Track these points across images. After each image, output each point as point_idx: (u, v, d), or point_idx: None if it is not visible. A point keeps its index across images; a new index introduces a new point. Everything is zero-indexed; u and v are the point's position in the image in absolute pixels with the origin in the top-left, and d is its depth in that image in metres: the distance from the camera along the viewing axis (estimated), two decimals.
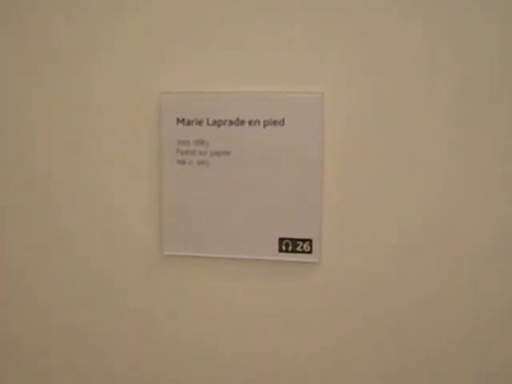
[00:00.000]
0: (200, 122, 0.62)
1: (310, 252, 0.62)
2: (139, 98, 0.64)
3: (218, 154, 0.62)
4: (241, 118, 0.61)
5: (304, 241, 0.62)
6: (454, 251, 0.60)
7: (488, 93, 0.57)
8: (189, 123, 0.62)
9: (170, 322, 0.67)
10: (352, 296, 0.63)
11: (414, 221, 0.60)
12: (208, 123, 0.62)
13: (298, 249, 0.62)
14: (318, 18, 0.59)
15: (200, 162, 0.63)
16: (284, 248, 0.63)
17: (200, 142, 0.62)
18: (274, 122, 0.61)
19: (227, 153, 0.62)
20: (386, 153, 0.60)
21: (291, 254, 0.63)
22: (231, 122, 0.61)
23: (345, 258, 0.62)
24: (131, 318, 0.68)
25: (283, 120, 0.60)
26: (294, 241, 0.62)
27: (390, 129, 0.59)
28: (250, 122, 0.61)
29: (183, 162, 0.63)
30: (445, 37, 0.57)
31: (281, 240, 0.63)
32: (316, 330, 0.64)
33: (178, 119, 0.62)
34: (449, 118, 0.58)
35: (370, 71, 0.59)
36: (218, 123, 0.62)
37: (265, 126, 0.61)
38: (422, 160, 0.59)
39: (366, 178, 0.61)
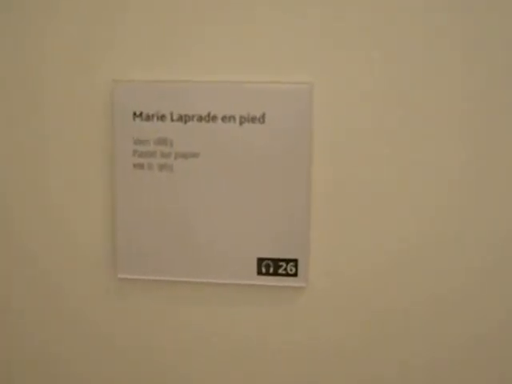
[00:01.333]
0: (162, 117, 0.51)
1: (295, 275, 0.52)
2: (86, 87, 0.52)
3: (184, 156, 0.51)
4: (212, 113, 0.50)
5: (288, 261, 0.52)
6: (454, 271, 0.51)
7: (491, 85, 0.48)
8: (148, 118, 0.51)
9: (131, 357, 0.56)
10: (344, 326, 0.53)
11: (414, 237, 0.51)
12: (172, 119, 0.50)
13: (281, 271, 0.52)
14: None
15: (162, 166, 0.51)
16: (264, 270, 0.52)
17: (162, 142, 0.51)
18: (253, 119, 0.50)
19: (196, 155, 0.51)
20: (385, 156, 0.50)
21: (273, 277, 0.52)
22: (201, 118, 0.50)
23: (336, 281, 0.52)
24: (84, 346, 0.57)
25: (263, 116, 0.50)
26: (276, 261, 0.52)
27: (390, 128, 0.50)
28: (223, 118, 0.50)
29: (141, 167, 0.52)
30: (444, 24, 0.47)
31: (260, 260, 0.52)
32: (301, 365, 0.54)
33: (134, 113, 0.51)
34: (450, 111, 0.49)
35: (368, 59, 0.49)
36: (184, 119, 0.50)
37: (241, 122, 0.50)
38: (426, 164, 0.50)
39: (362, 186, 0.51)
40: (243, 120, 0.50)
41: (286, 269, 0.52)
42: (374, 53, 0.49)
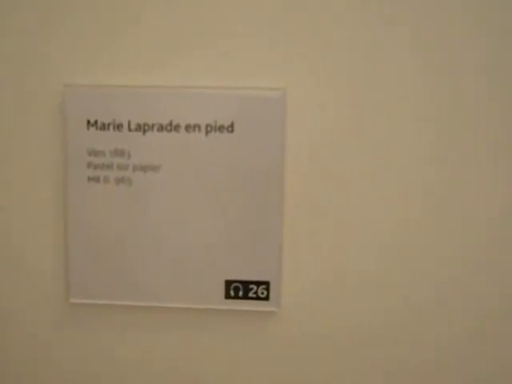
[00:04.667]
0: (119, 127, 0.46)
1: (267, 298, 0.47)
2: (35, 93, 0.47)
3: (143, 169, 0.46)
4: (175, 122, 0.45)
5: (259, 284, 0.47)
6: (428, 283, 0.47)
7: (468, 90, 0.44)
8: (104, 127, 0.46)
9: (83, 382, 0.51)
10: (320, 353, 0.49)
11: (389, 258, 0.47)
12: (130, 128, 0.46)
13: (251, 294, 0.47)
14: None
15: (119, 180, 0.46)
16: (233, 293, 0.47)
17: (119, 153, 0.46)
18: (220, 128, 0.45)
19: (156, 168, 0.46)
20: (363, 168, 0.46)
21: (242, 301, 0.48)
22: (162, 127, 0.45)
23: (312, 305, 0.48)
24: (35, 371, 0.52)
25: (232, 125, 0.45)
26: (246, 284, 0.47)
27: (368, 138, 0.45)
28: (187, 128, 0.45)
29: (97, 180, 0.47)
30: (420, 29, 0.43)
31: (228, 283, 0.47)
32: None
33: (88, 122, 0.46)
34: (425, 116, 0.45)
35: (341, 63, 0.45)
36: (143, 128, 0.45)
37: (207, 132, 0.45)
38: (404, 174, 0.46)
39: (338, 201, 0.46)
40: (210, 129, 0.45)
41: (256, 292, 0.47)
42: (347, 58, 0.44)
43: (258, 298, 0.47)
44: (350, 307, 0.48)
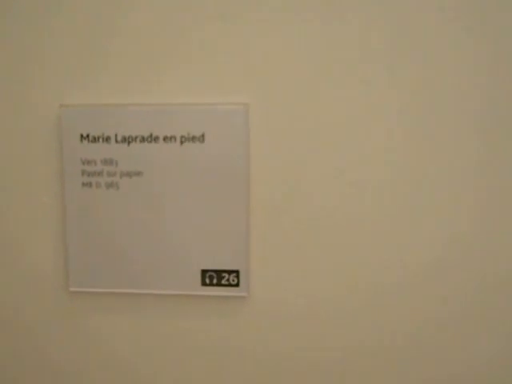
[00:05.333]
0: (107, 139, 0.54)
1: (237, 285, 0.55)
2: (35, 112, 0.55)
3: (128, 174, 0.54)
4: (154, 134, 0.53)
5: (230, 272, 0.55)
6: (391, 268, 0.54)
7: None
8: (94, 140, 0.54)
9: (81, 368, 0.59)
10: (286, 334, 0.56)
11: (351, 245, 0.54)
12: (116, 140, 0.54)
13: (224, 281, 0.55)
14: (239, 22, 0.52)
15: (109, 185, 0.54)
16: (208, 281, 0.55)
17: (108, 162, 0.54)
18: (193, 138, 0.53)
19: (139, 173, 0.54)
20: (320, 169, 0.53)
21: (216, 288, 0.55)
22: (143, 139, 0.53)
23: (277, 290, 0.55)
24: (36, 359, 0.59)
25: (203, 135, 0.53)
26: (219, 272, 0.55)
27: (323, 142, 0.53)
28: (164, 139, 0.53)
29: (89, 185, 0.55)
30: (380, 36, 0.51)
31: (204, 272, 0.55)
32: (244, 371, 0.57)
33: (81, 136, 0.54)
34: (384, 127, 0.52)
35: (299, 80, 0.52)
36: (127, 140, 0.53)
37: (182, 142, 0.53)
38: (359, 174, 0.53)
39: (298, 198, 0.54)
40: (184, 140, 0.53)
41: (228, 279, 0.55)
42: (306, 72, 0.52)
43: (230, 285, 0.55)
44: (311, 291, 0.55)
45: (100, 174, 0.54)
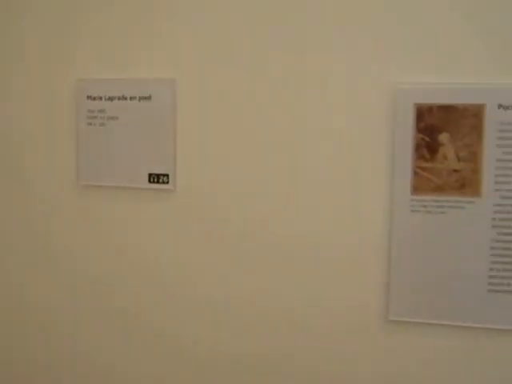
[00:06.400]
0: (100, 98, 0.97)
1: (168, 183, 0.96)
2: (60, 83, 0.99)
3: (112, 118, 0.97)
4: (125, 95, 0.96)
5: (164, 175, 0.96)
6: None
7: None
8: (94, 99, 0.97)
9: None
10: (197, 212, 0.96)
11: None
12: (105, 98, 0.97)
13: (160, 180, 0.96)
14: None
15: (101, 124, 0.98)
16: (152, 180, 0.97)
17: (101, 111, 0.97)
18: (145, 98, 0.95)
19: (116, 118, 0.97)
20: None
21: (156, 184, 0.97)
22: (119, 98, 0.96)
23: (192, 187, 0.96)
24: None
25: (150, 96, 0.95)
26: (158, 175, 0.96)
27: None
28: (130, 98, 0.96)
29: (91, 124, 0.98)
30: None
31: (150, 175, 0.97)
32: (174, 233, 0.98)
33: (87, 96, 0.98)
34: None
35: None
36: (111, 98, 0.97)
37: (139, 100, 0.96)
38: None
39: (215, 130, 0.95)
40: (141, 98, 0.95)
41: (163, 180, 0.96)
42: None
43: (164, 183, 0.96)
44: (224, 193, 0.95)
45: (96, 117, 0.97)
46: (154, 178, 0.97)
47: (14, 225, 1.04)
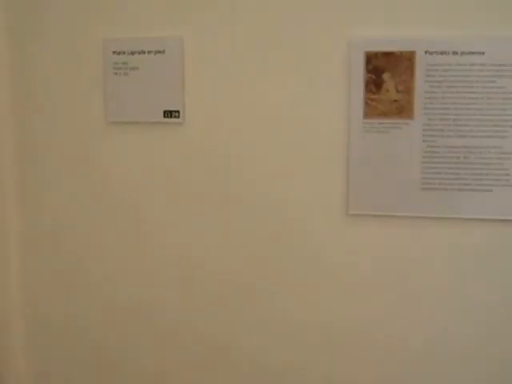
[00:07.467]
0: (123, 53, 1.25)
1: (178, 117, 1.25)
2: (92, 42, 1.27)
3: (133, 68, 1.25)
4: (143, 50, 1.24)
5: (176, 111, 1.25)
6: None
7: None
8: (119, 54, 1.25)
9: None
10: (201, 138, 1.25)
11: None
12: (127, 53, 1.25)
13: (173, 115, 1.25)
14: None
15: (124, 74, 1.26)
16: (166, 115, 1.26)
17: (124, 63, 1.25)
18: (160, 52, 1.24)
19: (137, 68, 1.25)
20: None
21: (169, 119, 1.26)
22: (139, 52, 1.24)
23: (197, 120, 1.25)
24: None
25: (164, 50, 1.24)
26: (171, 112, 1.25)
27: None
28: (147, 52, 1.24)
29: (116, 74, 1.26)
30: None
31: (164, 111, 1.26)
32: (183, 155, 1.27)
33: (113, 52, 1.26)
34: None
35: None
36: (132, 53, 1.25)
37: (155, 53, 1.24)
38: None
39: (215, 75, 1.23)
40: (155, 52, 1.24)
41: (175, 115, 1.25)
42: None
43: (176, 117, 1.25)
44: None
45: (120, 68, 1.26)
46: (168, 114, 1.26)
47: (59, 156, 1.32)
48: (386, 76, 1.17)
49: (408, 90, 1.16)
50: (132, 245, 1.30)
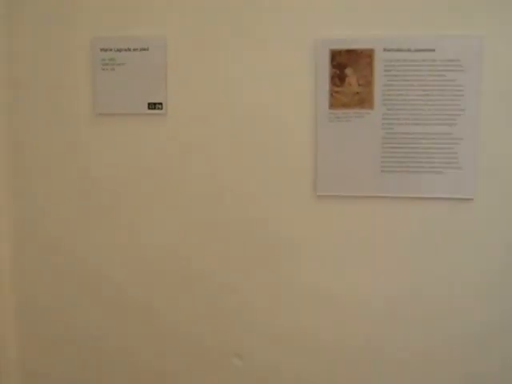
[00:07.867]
0: (110, 50, 1.37)
1: (162, 109, 1.37)
2: (81, 40, 1.38)
3: (119, 64, 1.37)
4: (129, 47, 1.36)
5: (159, 104, 1.37)
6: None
7: None
8: (106, 51, 1.37)
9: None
10: (182, 127, 1.37)
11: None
12: (113, 50, 1.37)
13: (156, 107, 1.37)
14: None
15: (111, 69, 1.37)
16: (150, 107, 1.38)
17: (112, 59, 1.37)
18: (144, 49, 1.36)
19: (123, 64, 1.37)
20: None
21: (153, 110, 1.38)
22: (125, 49, 1.36)
23: (178, 111, 1.37)
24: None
25: (148, 48, 1.35)
26: (154, 104, 1.37)
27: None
28: (133, 49, 1.36)
29: (103, 69, 1.38)
30: None
31: (149, 103, 1.38)
32: (166, 143, 1.39)
33: (101, 49, 1.37)
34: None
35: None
36: (119, 50, 1.36)
37: (140, 50, 1.36)
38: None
39: (194, 70, 1.36)
40: (140, 50, 1.36)
41: (158, 106, 1.37)
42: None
43: (159, 109, 1.37)
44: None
45: (108, 64, 1.37)
46: (152, 106, 1.37)
47: (45, 149, 1.42)
48: (348, 71, 1.31)
49: (368, 84, 1.30)
50: (115, 234, 1.43)
